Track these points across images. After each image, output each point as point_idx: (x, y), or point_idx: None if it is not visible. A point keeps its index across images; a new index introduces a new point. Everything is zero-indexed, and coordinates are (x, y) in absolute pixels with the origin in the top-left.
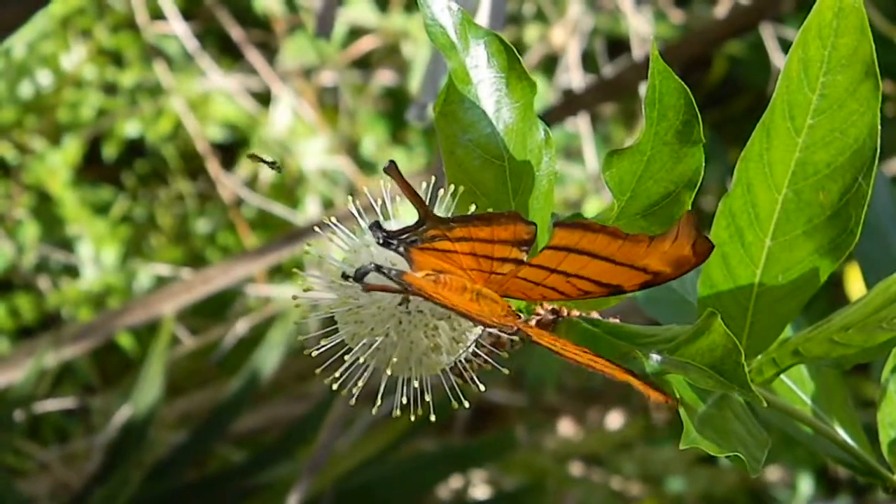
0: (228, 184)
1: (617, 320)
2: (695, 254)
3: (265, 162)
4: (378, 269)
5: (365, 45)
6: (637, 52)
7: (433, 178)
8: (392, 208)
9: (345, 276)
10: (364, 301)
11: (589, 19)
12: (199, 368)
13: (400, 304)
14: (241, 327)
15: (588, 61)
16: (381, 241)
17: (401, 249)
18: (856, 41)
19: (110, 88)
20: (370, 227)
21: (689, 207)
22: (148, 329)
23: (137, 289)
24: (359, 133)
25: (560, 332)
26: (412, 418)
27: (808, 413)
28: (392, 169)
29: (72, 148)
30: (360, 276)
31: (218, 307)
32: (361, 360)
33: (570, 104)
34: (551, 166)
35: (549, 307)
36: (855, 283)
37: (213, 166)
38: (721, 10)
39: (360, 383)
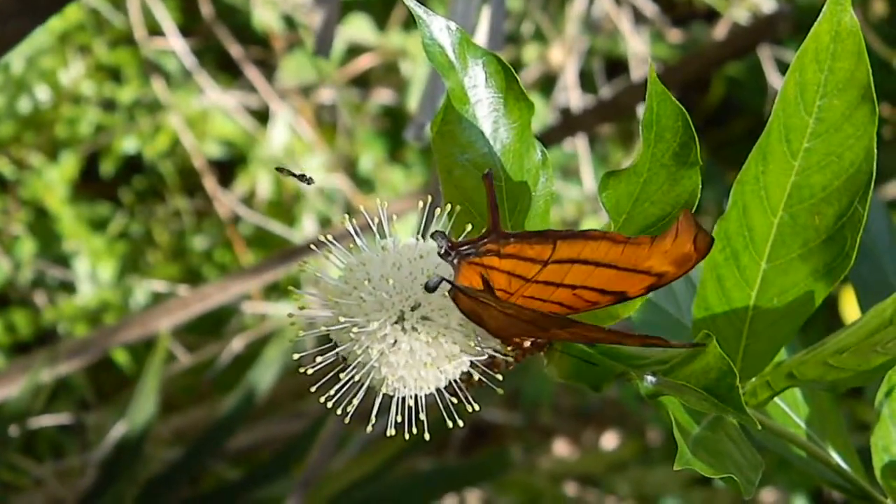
0: (226, 201)
1: None
2: (696, 249)
3: (294, 175)
4: (445, 280)
5: (363, 63)
6: (635, 73)
7: (429, 198)
8: (388, 227)
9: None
10: (360, 319)
11: (587, 39)
12: (194, 385)
13: (395, 323)
14: (237, 345)
15: (586, 81)
16: (442, 251)
17: (455, 262)
18: (853, 65)
19: (108, 104)
20: (433, 236)
21: None
22: (144, 345)
23: (134, 305)
24: (356, 151)
25: (555, 352)
26: (407, 437)
27: (802, 436)
28: (488, 178)
29: (69, 164)
30: (432, 287)
31: (214, 324)
32: (356, 378)
33: (568, 125)
34: (548, 187)
35: None
36: (850, 307)
37: (210, 183)
38: (720, 32)
39: (355, 402)
